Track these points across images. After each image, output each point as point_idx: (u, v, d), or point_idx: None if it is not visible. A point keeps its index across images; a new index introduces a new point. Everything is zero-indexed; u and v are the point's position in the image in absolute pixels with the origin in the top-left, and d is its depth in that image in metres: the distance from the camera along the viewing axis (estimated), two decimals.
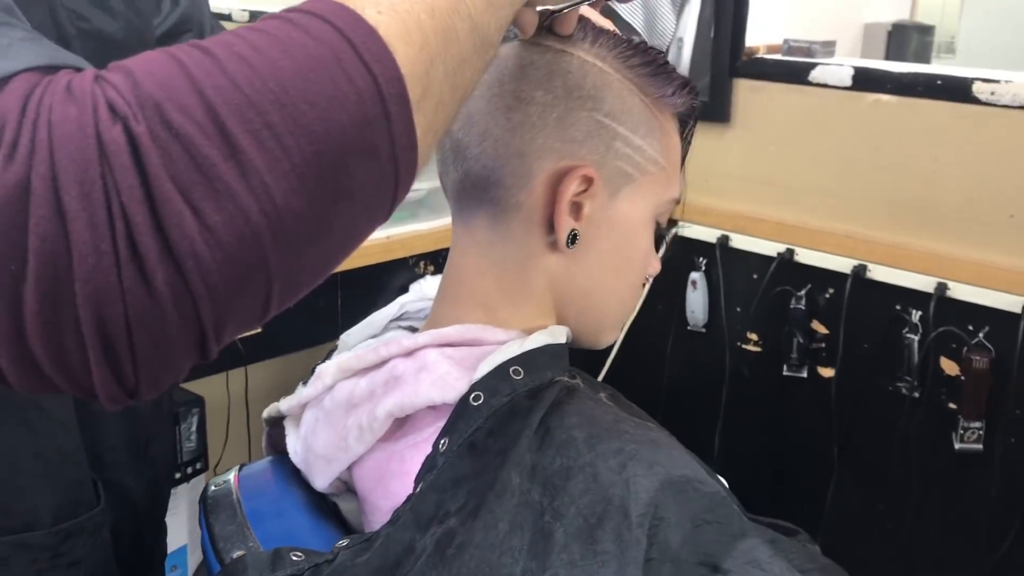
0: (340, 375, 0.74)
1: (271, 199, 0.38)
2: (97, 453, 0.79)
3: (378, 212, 0.44)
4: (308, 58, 0.39)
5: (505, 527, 0.60)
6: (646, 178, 0.73)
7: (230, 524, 0.73)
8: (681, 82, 0.74)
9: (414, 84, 0.42)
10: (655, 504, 0.61)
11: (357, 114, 0.40)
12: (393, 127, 0.41)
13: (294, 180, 0.38)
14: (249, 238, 0.38)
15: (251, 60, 0.39)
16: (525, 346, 0.69)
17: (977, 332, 1.73)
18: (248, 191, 0.37)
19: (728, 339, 2.08)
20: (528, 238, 0.71)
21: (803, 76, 1.92)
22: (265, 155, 0.37)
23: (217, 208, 0.37)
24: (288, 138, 0.38)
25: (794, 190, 1.97)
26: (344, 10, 0.41)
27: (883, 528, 1.93)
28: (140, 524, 0.86)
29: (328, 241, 0.42)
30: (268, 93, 0.38)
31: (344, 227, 0.42)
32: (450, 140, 0.72)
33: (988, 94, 1.69)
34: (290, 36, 0.40)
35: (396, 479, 0.69)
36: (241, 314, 0.40)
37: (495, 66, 0.70)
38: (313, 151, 0.39)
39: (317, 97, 0.39)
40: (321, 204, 0.40)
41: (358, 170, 0.40)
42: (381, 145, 0.41)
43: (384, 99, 0.41)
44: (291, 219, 0.38)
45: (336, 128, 0.39)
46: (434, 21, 0.44)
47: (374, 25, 0.41)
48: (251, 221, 0.37)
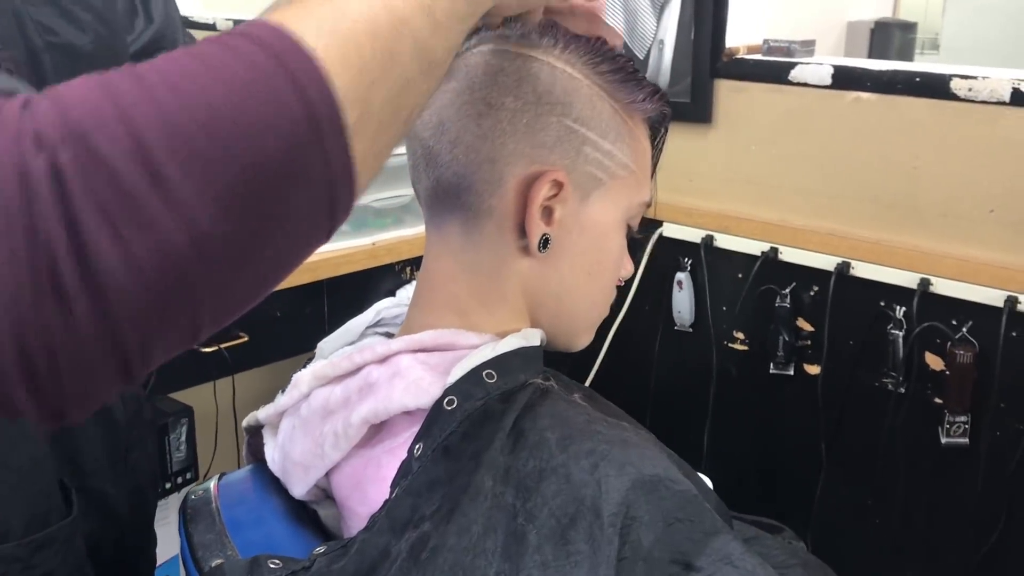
0: (316, 383, 0.75)
1: (197, 227, 0.38)
2: (76, 461, 0.80)
3: (314, 235, 0.44)
4: (239, 84, 0.39)
5: (479, 530, 0.61)
6: (616, 182, 0.73)
7: (209, 533, 0.74)
8: (651, 89, 0.75)
9: (350, 108, 0.42)
10: (627, 504, 0.62)
11: (288, 140, 0.40)
12: (327, 152, 0.41)
13: (221, 207, 0.38)
14: (174, 266, 0.38)
15: (181, 87, 0.39)
16: (498, 349, 0.69)
17: (961, 327, 1.74)
18: (173, 220, 0.37)
19: (715, 338, 2.09)
20: (500, 243, 0.72)
21: (783, 76, 1.93)
22: (191, 183, 0.38)
23: (141, 237, 0.37)
24: (215, 165, 0.38)
25: (777, 189, 1.98)
26: (280, 34, 0.41)
27: (871, 523, 1.94)
28: (122, 531, 0.86)
29: (260, 265, 0.42)
30: (196, 121, 0.38)
31: (277, 251, 0.42)
32: (421, 147, 0.72)
33: (966, 90, 1.70)
34: (223, 62, 0.40)
35: (373, 485, 0.70)
36: (168, 338, 0.40)
37: (465, 73, 0.71)
38: (241, 178, 0.39)
39: (246, 124, 0.39)
40: (250, 230, 0.40)
41: (290, 196, 0.41)
42: (314, 170, 0.41)
43: (317, 124, 0.41)
44: (218, 246, 0.39)
45: (266, 155, 0.39)
46: (374, 44, 0.43)
47: (311, 49, 0.41)
48: (176, 249, 0.38)
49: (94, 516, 0.82)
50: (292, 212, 0.41)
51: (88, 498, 0.81)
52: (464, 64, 0.71)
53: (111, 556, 0.85)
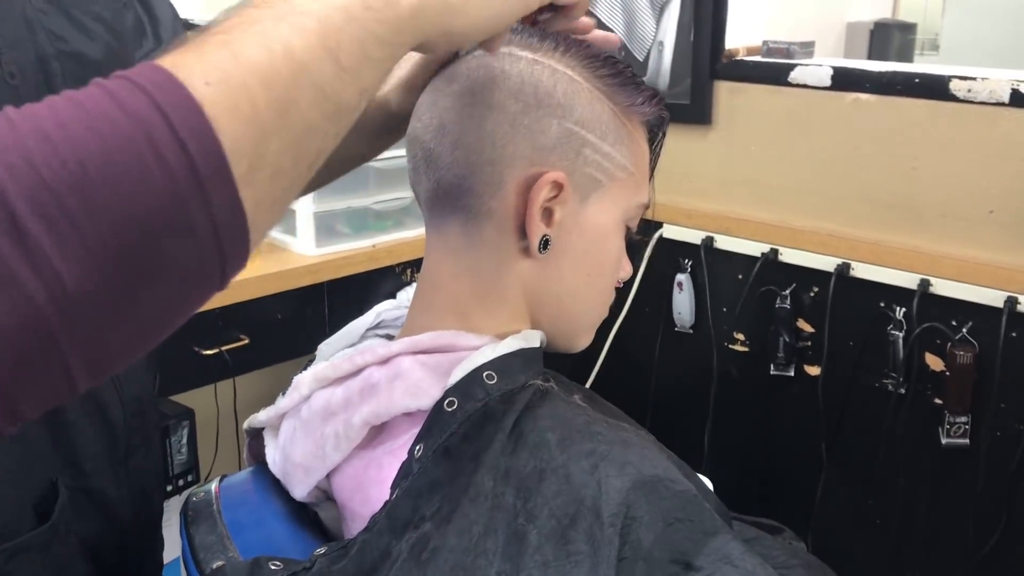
0: (316, 385, 0.75)
1: (60, 283, 0.37)
2: (75, 462, 0.80)
3: (204, 284, 0.43)
4: (116, 136, 0.38)
5: (479, 530, 0.61)
6: (615, 184, 0.74)
7: (210, 534, 0.74)
8: (650, 92, 0.75)
9: (238, 159, 0.41)
10: (627, 504, 0.62)
11: (166, 193, 0.39)
12: (212, 204, 0.40)
13: (88, 262, 0.37)
14: (34, 323, 0.37)
15: (53, 137, 0.37)
16: (498, 351, 0.69)
17: (961, 327, 1.75)
18: (34, 277, 0.36)
19: (715, 340, 2.10)
20: (501, 244, 0.72)
21: (783, 77, 1.93)
22: (56, 240, 0.36)
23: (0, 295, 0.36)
24: (84, 220, 0.37)
25: (776, 190, 1.99)
26: (169, 81, 0.40)
27: (872, 524, 1.94)
28: (125, 534, 0.86)
29: (138, 317, 0.41)
30: (66, 175, 0.37)
31: (157, 303, 0.41)
32: (422, 149, 0.73)
33: (965, 91, 1.70)
34: (103, 111, 0.39)
35: (374, 486, 0.70)
36: (37, 392, 0.39)
37: (466, 75, 0.71)
38: (112, 234, 0.38)
39: (121, 178, 0.38)
40: (122, 283, 0.39)
41: (169, 248, 0.40)
42: (198, 223, 0.40)
43: (199, 177, 0.39)
44: (84, 301, 0.38)
45: (141, 210, 0.38)
46: (269, 93, 0.42)
47: (199, 99, 0.40)
48: (35, 306, 0.36)
49: (94, 517, 0.82)
50: (171, 265, 0.40)
51: (87, 499, 0.81)
52: (465, 67, 0.71)
53: (114, 559, 0.85)
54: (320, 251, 1.93)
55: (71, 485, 0.79)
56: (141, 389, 0.87)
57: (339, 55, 0.45)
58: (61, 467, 0.79)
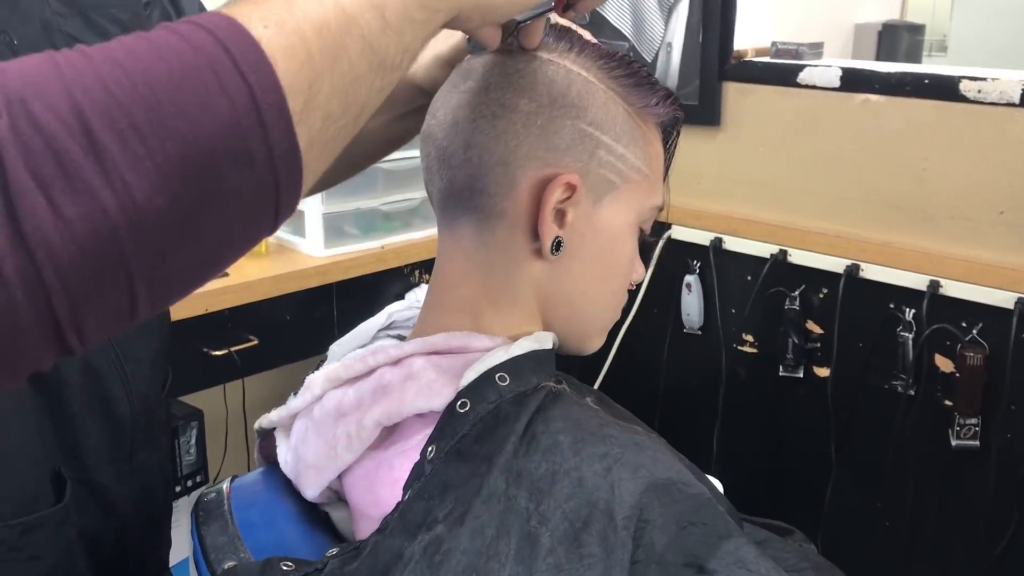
0: (329, 385, 0.75)
1: (131, 196, 0.39)
2: (76, 453, 0.80)
3: (260, 219, 0.45)
4: (183, 64, 0.41)
5: (492, 532, 0.61)
6: (629, 186, 0.73)
7: (221, 535, 0.74)
8: (664, 93, 0.75)
9: (295, 96, 0.43)
10: (640, 507, 0.62)
11: (228, 120, 0.41)
12: (270, 135, 0.42)
13: (157, 179, 0.39)
14: (105, 233, 0.39)
15: (125, 64, 0.40)
16: (511, 352, 0.69)
17: (970, 329, 1.74)
18: (107, 187, 0.38)
19: (724, 341, 2.09)
20: (513, 245, 0.72)
21: (791, 78, 1.93)
22: (128, 154, 0.39)
23: (74, 202, 0.38)
24: (153, 139, 0.39)
25: (785, 191, 1.98)
26: (229, 22, 0.43)
27: (882, 526, 1.93)
28: (125, 531, 0.86)
29: (199, 244, 0.43)
30: (136, 95, 0.39)
31: (218, 231, 0.43)
32: (435, 148, 0.72)
33: (975, 92, 1.70)
34: (169, 44, 0.41)
35: (385, 487, 0.70)
36: (102, 310, 0.41)
37: (481, 75, 0.71)
38: (179, 153, 0.40)
39: (187, 101, 0.40)
40: (187, 205, 0.41)
41: (230, 175, 0.42)
42: (256, 152, 0.42)
43: (259, 108, 0.42)
44: (153, 217, 0.40)
45: (205, 132, 0.40)
46: (321, 39, 0.45)
47: (257, 38, 0.43)
48: (108, 216, 0.38)
49: (94, 510, 0.82)
50: (233, 191, 0.42)
51: (89, 491, 0.81)
52: (480, 66, 0.71)
53: (112, 553, 0.85)
54: (329, 252, 1.93)
55: (73, 477, 0.80)
56: (148, 387, 0.87)
57: (384, 11, 0.48)
58: (63, 458, 0.79)
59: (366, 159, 0.90)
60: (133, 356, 0.84)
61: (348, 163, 0.90)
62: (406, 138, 0.87)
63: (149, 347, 0.87)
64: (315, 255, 1.93)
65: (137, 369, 0.85)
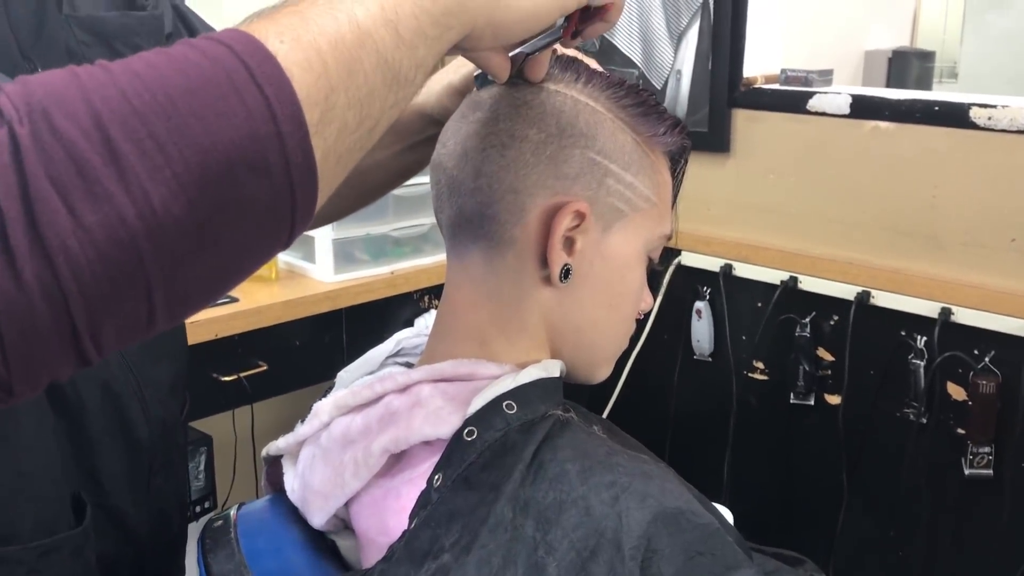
0: (336, 412, 0.75)
1: (149, 204, 0.39)
2: (94, 477, 0.80)
3: (277, 229, 0.46)
4: (201, 76, 0.42)
5: (499, 561, 0.61)
6: (638, 214, 0.73)
7: (228, 562, 0.73)
8: (672, 122, 0.75)
9: (311, 108, 0.44)
10: (648, 536, 0.61)
11: (246, 130, 0.42)
12: (287, 146, 0.43)
13: (175, 187, 0.40)
14: (124, 240, 0.39)
15: (144, 75, 0.41)
16: (518, 380, 0.69)
17: (983, 356, 1.73)
18: (126, 195, 0.39)
19: (734, 368, 2.08)
20: (522, 273, 0.72)
21: (801, 105, 1.93)
22: (146, 162, 0.39)
23: (93, 209, 0.39)
24: (171, 147, 0.40)
25: (795, 218, 1.98)
26: (246, 37, 0.44)
27: (894, 555, 1.91)
28: (143, 556, 0.86)
29: (217, 253, 0.43)
30: (155, 105, 0.40)
31: (235, 240, 0.44)
32: (445, 176, 0.73)
33: (986, 119, 1.69)
34: (187, 57, 0.42)
35: (392, 515, 0.69)
36: (120, 318, 0.41)
37: (490, 105, 0.71)
38: (197, 161, 0.41)
39: (205, 111, 0.41)
40: (204, 214, 0.41)
41: (248, 184, 0.42)
42: (274, 162, 0.43)
43: (276, 119, 0.43)
44: (171, 225, 0.40)
45: (223, 142, 0.41)
46: (337, 52, 0.46)
47: (273, 52, 0.44)
48: (127, 224, 0.39)
49: (112, 535, 0.82)
50: (250, 201, 0.43)
51: (107, 516, 0.81)
52: (488, 97, 0.72)
53: None
54: (338, 277, 1.93)
55: (91, 501, 0.80)
56: (166, 411, 0.87)
57: (398, 27, 0.49)
58: (82, 482, 0.79)
59: (377, 189, 0.90)
60: (152, 380, 0.84)
61: (360, 193, 0.90)
62: (417, 169, 0.88)
63: (168, 372, 0.88)
64: (325, 280, 1.93)
65: (155, 393, 0.85)
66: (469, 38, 0.56)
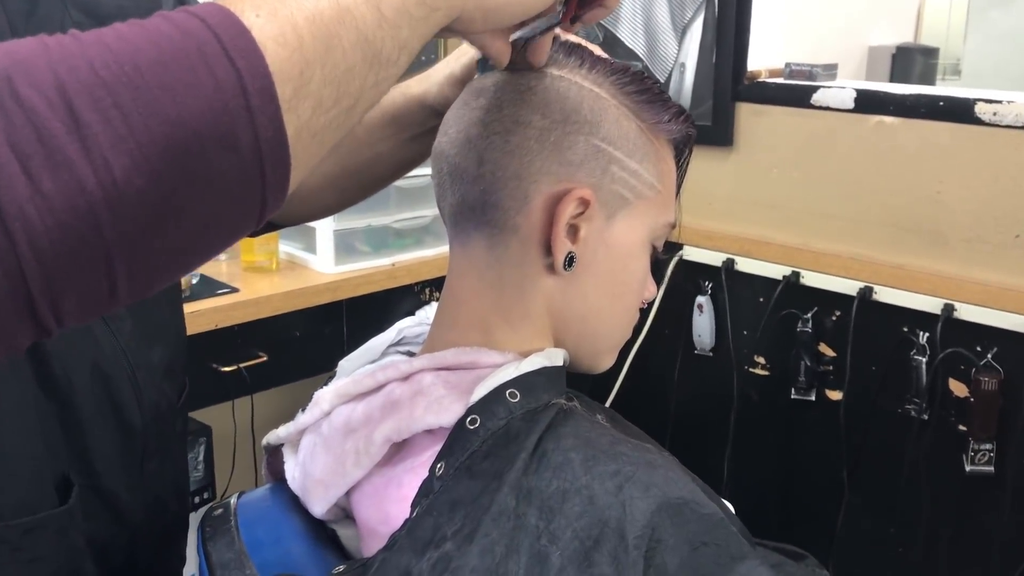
0: (338, 400, 0.74)
1: (110, 173, 0.39)
2: (86, 458, 0.79)
3: (245, 205, 0.45)
4: (171, 48, 0.41)
5: (501, 551, 0.60)
6: (642, 202, 0.73)
7: (228, 552, 0.73)
8: (677, 110, 0.74)
9: (284, 83, 0.43)
10: (652, 526, 0.61)
11: (215, 103, 0.41)
12: (257, 120, 0.42)
13: (139, 158, 0.39)
14: (83, 208, 0.39)
15: (113, 46, 0.41)
16: (521, 369, 0.68)
17: (985, 353, 1.72)
18: (87, 164, 0.39)
19: (735, 363, 2.08)
20: (525, 260, 0.71)
21: (805, 99, 1.92)
22: (110, 132, 0.39)
23: (53, 177, 0.38)
24: (136, 118, 0.39)
25: (798, 213, 1.97)
26: (221, 10, 0.43)
27: (894, 552, 1.91)
28: (136, 541, 0.85)
29: (182, 227, 0.43)
30: (123, 75, 0.40)
31: (201, 215, 0.43)
32: (448, 163, 0.72)
33: (991, 114, 1.69)
34: (159, 29, 0.42)
35: (394, 504, 0.69)
36: (80, 289, 0.41)
37: (493, 92, 0.71)
38: (162, 133, 0.40)
39: (173, 83, 0.40)
40: (169, 186, 0.41)
41: (215, 158, 0.42)
42: (242, 136, 0.42)
43: (247, 92, 0.42)
44: (133, 196, 0.40)
45: (190, 114, 0.41)
46: (314, 27, 0.45)
47: (248, 26, 0.43)
48: (86, 192, 0.39)
49: (103, 516, 0.81)
50: (218, 174, 0.42)
51: (99, 498, 0.81)
52: (491, 84, 0.71)
53: (122, 562, 0.84)
54: (339, 269, 1.93)
55: (82, 483, 0.79)
56: (160, 395, 0.86)
57: (380, 5, 0.48)
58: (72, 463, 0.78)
59: (380, 181, 0.90)
60: (145, 363, 0.83)
61: (361, 185, 0.90)
62: (419, 160, 0.88)
63: (162, 355, 0.87)
64: (325, 272, 1.93)
65: (149, 377, 0.84)
66: (460, 20, 0.55)
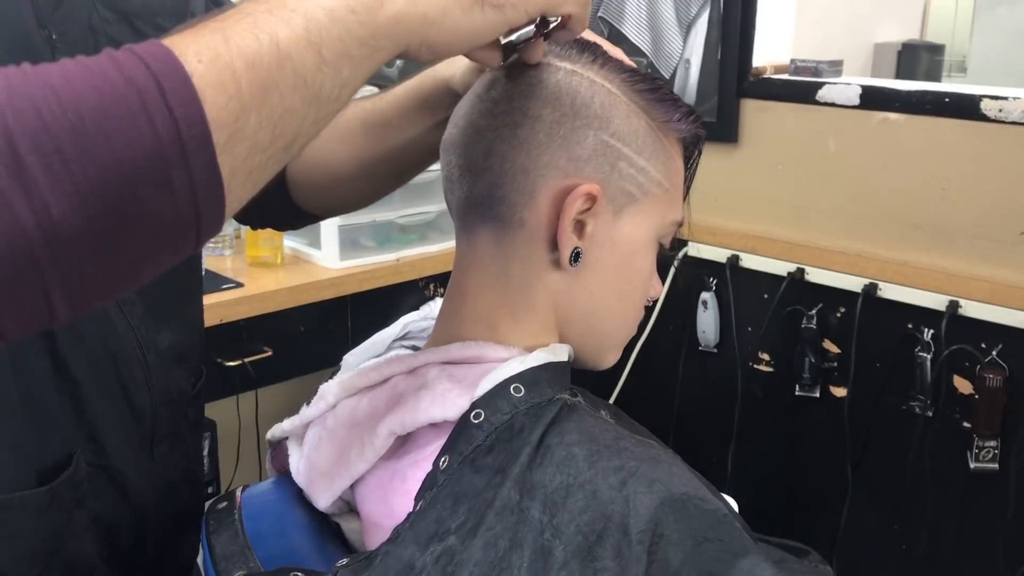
0: (343, 393, 0.74)
1: (48, 215, 0.42)
2: (94, 437, 0.80)
3: (180, 241, 0.48)
4: (114, 95, 0.44)
5: (505, 544, 0.60)
6: (649, 199, 0.73)
7: (232, 544, 0.73)
8: (687, 109, 0.74)
9: (219, 129, 0.46)
10: (655, 521, 0.61)
11: (151, 150, 0.44)
12: (191, 164, 0.45)
13: (76, 201, 0.42)
14: (20, 246, 0.42)
15: (58, 89, 0.43)
16: (526, 363, 0.69)
17: (990, 350, 1.72)
18: (26, 205, 0.41)
19: (740, 359, 2.08)
20: (531, 255, 0.71)
21: (811, 95, 1.92)
22: (49, 176, 0.42)
23: None
24: (75, 163, 0.42)
25: (803, 209, 1.97)
26: (166, 55, 0.46)
27: (898, 549, 1.91)
28: (144, 523, 0.85)
29: (117, 260, 0.46)
30: (65, 121, 0.42)
31: (136, 250, 0.46)
32: (456, 156, 0.72)
33: (996, 111, 1.68)
34: (104, 73, 0.44)
35: (398, 497, 0.69)
36: (17, 313, 0.44)
37: (502, 84, 0.71)
38: (100, 177, 0.43)
39: (113, 131, 0.43)
40: (104, 225, 0.44)
41: (151, 200, 0.45)
42: (177, 180, 0.45)
43: (182, 139, 0.44)
44: (69, 235, 0.43)
45: (126, 160, 0.43)
46: (252, 74, 0.47)
47: (190, 72, 0.45)
48: (25, 231, 0.42)
49: (112, 497, 0.82)
50: (150, 216, 0.45)
51: (108, 477, 0.82)
52: (503, 76, 0.71)
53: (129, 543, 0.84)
54: (344, 264, 1.93)
55: (92, 462, 0.80)
56: (171, 381, 0.87)
57: (321, 49, 0.50)
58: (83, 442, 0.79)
59: (412, 168, 0.90)
60: (155, 347, 0.84)
61: (395, 173, 0.90)
62: None
63: (174, 341, 0.87)
64: (330, 267, 1.93)
65: (159, 361, 0.84)
66: (407, 54, 0.56)
